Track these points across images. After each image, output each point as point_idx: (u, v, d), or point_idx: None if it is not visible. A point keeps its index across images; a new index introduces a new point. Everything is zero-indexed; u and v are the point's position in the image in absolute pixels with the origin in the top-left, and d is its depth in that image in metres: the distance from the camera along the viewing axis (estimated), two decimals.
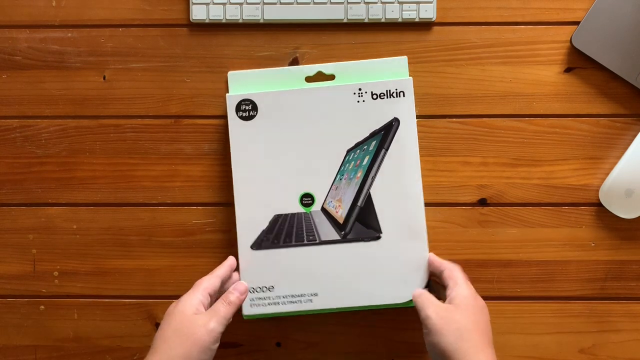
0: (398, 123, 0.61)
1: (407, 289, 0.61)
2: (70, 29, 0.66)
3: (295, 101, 0.62)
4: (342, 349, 0.67)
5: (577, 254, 0.66)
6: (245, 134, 0.62)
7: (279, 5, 0.65)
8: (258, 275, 0.62)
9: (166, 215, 0.67)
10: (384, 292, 0.62)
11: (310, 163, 0.62)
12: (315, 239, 0.62)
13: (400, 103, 0.62)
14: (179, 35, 0.66)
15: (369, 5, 0.64)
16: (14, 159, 0.67)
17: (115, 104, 0.66)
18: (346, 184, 0.62)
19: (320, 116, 0.62)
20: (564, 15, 0.65)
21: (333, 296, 0.62)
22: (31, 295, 0.68)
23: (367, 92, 0.62)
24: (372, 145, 0.62)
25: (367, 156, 0.62)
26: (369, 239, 0.62)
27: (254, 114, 0.62)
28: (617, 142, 0.65)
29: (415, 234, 0.62)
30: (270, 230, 0.62)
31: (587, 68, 0.65)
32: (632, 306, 0.66)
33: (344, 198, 0.62)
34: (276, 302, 0.62)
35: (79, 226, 0.67)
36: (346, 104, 0.62)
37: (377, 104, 0.62)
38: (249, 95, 0.62)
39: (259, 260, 0.62)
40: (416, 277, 0.62)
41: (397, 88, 0.62)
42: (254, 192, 0.62)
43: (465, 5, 0.65)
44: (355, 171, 0.62)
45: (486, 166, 0.66)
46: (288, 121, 0.62)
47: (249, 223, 0.62)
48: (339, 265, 0.62)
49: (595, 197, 0.65)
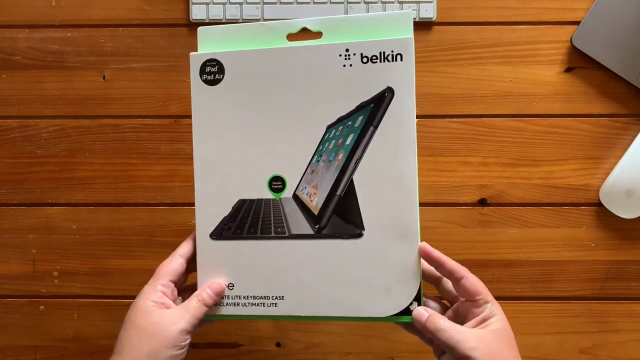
0: (392, 94, 0.49)
1: (391, 301, 0.50)
2: (70, 28, 0.66)
3: (268, 63, 0.51)
4: (342, 349, 0.67)
5: (577, 254, 0.66)
6: (209, 101, 0.52)
7: (279, 5, 0.64)
8: (217, 269, 0.52)
9: (166, 215, 0.67)
10: (363, 302, 0.50)
11: (283, 140, 0.51)
12: (284, 232, 0.52)
13: (396, 69, 0.49)
14: (179, 35, 0.66)
15: (369, 5, 0.64)
16: (14, 159, 0.67)
17: (115, 103, 0.66)
18: (324, 167, 0.51)
19: (296, 83, 0.51)
20: (564, 15, 0.65)
21: (301, 302, 0.51)
22: (31, 295, 0.68)
23: (356, 53, 0.50)
24: (358, 121, 0.50)
25: (352, 134, 0.50)
26: (347, 236, 0.51)
27: (220, 77, 0.52)
28: (617, 142, 0.65)
29: (405, 234, 0.50)
30: (233, 218, 0.52)
31: (588, 68, 0.65)
32: (632, 306, 0.66)
33: (320, 184, 0.51)
34: (235, 303, 0.52)
35: (79, 226, 0.67)
36: (329, 68, 0.50)
37: (367, 69, 0.49)
38: (215, 54, 0.52)
39: (218, 252, 0.52)
40: (404, 287, 0.50)
41: (394, 50, 0.49)
42: (217, 171, 0.52)
43: (465, 5, 0.65)
44: (335, 152, 0.51)
45: (486, 166, 0.66)
46: (258, 87, 0.52)
47: (210, 208, 0.52)
48: (311, 265, 0.51)
49: (595, 197, 0.65)
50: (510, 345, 0.47)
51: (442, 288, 0.53)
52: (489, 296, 0.49)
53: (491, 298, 0.49)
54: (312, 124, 0.51)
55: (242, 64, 0.52)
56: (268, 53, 0.51)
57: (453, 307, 0.52)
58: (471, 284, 0.48)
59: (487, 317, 0.48)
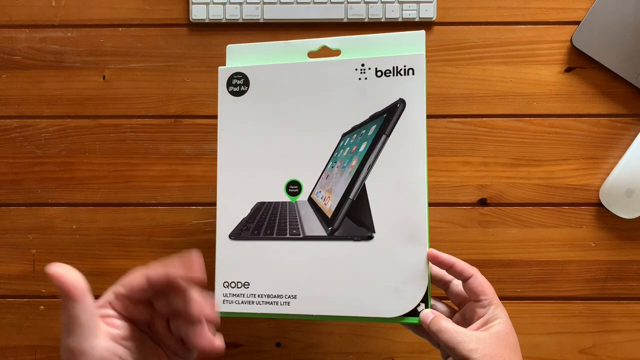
0: (404, 105, 0.53)
1: (399, 302, 0.51)
2: (70, 28, 0.66)
3: (289, 77, 0.56)
4: (342, 349, 0.67)
5: (577, 254, 0.66)
6: (234, 111, 0.56)
7: (279, 5, 0.64)
8: (235, 268, 0.55)
9: (166, 215, 0.67)
10: (372, 303, 0.52)
11: (300, 147, 0.55)
12: (299, 234, 0.55)
13: (408, 82, 0.53)
14: (178, 35, 0.66)
15: (369, 5, 0.64)
16: (14, 159, 0.67)
17: (114, 103, 0.66)
18: (338, 172, 0.54)
19: (315, 94, 0.55)
20: (564, 15, 0.65)
21: (313, 301, 0.53)
22: (31, 295, 0.68)
23: (371, 68, 0.53)
24: (371, 130, 0.53)
25: (365, 142, 0.54)
26: (359, 238, 0.53)
27: (245, 89, 0.56)
28: (618, 142, 0.65)
29: (414, 237, 0.52)
30: (252, 219, 0.55)
31: (588, 68, 0.65)
32: (632, 306, 0.66)
33: (334, 189, 0.54)
34: (250, 302, 0.54)
35: (79, 226, 0.67)
36: (346, 81, 0.54)
37: (381, 82, 0.53)
38: (241, 68, 0.57)
39: (236, 252, 0.55)
40: (412, 288, 0.51)
41: (406, 64, 0.53)
42: (238, 175, 0.56)
43: (465, 5, 0.65)
44: (349, 159, 0.54)
45: (486, 166, 0.66)
46: (280, 99, 0.56)
47: (230, 209, 0.56)
48: (323, 265, 0.53)
49: (595, 197, 0.65)
50: (510, 349, 0.47)
51: (450, 292, 0.53)
52: (495, 299, 0.49)
53: (497, 301, 0.49)
54: (328, 132, 0.54)
55: (266, 76, 0.56)
56: (290, 67, 0.55)
57: (460, 311, 0.52)
58: (479, 283, 0.49)
59: (490, 320, 0.48)
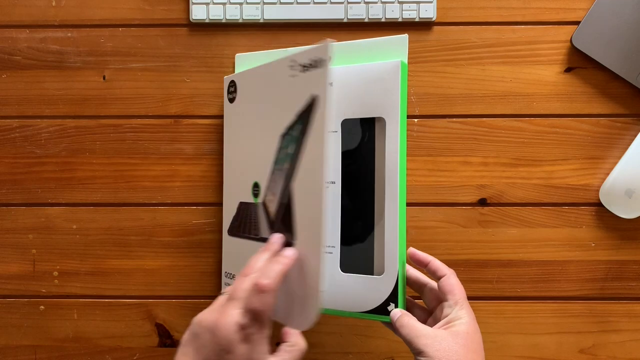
0: (315, 101, 0.47)
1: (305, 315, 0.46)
2: (70, 28, 0.66)
3: (255, 80, 0.56)
4: (342, 349, 0.67)
5: (577, 254, 0.66)
6: (230, 116, 0.62)
7: (279, 5, 0.64)
8: (232, 260, 0.61)
9: (166, 215, 0.67)
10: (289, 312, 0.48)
11: (258, 149, 0.55)
12: (257, 234, 0.54)
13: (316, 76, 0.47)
14: (179, 35, 0.66)
15: (369, 5, 0.64)
16: (14, 159, 0.67)
17: (115, 104, 0.66)
18: (279, 175, 0.52)
19: (266, 95, 0.54)
20: (564, 15, 0.65)
21: None
22: (31, 295, 0.68)
23: (298, 63, 0.48)
24: (297, 130, 0.49)
25: (293, 143, 0.50)
26: (287, 244, 0.49)
27: (235, 95, 0.61)
28: (617, 142, 0.65)
29: (313, 244, 0.46)
30: (236, 218, 0.60)
31: (587, 68, 0.65)
32: (632, 306, 0.66)
33: (275, 191, 0.52)
34: None
35: (79, 226, 0.67)
36: (281, 79, 0.51)
37: (304, 78, 0.48)
38: (234, 76, 0.61)
39: (232, 246, 0.61)
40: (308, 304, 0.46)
41: (316, 56, 0.46)
42: (232, 175, 0.61)
43: (465, 5, 0.65)
44: (283, 161, 0.51)
45: (486, 166, 0.66)
46: (249, 102, 0.58)
47: (229, 207, 0.61)
48: None
49: (595, 197, 0.65)
50: (468, 348, 0.47)
51: (425, 295, 0.55)
52: (462, 300, 0.50)
53: (463, 303, 0.50)
54: (273, 133, 0.52)
55: (244, 81, 0.58)
56: (257, 70, 0.56)
57: (433, 314, 0.53)
58: (449, 283, 0.51)
59: (453, 320, 0.49)
